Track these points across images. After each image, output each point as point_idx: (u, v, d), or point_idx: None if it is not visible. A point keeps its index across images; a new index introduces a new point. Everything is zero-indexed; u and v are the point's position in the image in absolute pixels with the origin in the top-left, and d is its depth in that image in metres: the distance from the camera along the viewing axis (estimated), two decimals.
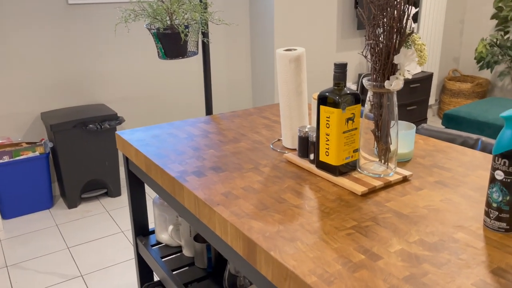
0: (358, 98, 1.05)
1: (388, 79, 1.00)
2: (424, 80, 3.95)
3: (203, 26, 1.58)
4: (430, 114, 4.66)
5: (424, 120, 4.14)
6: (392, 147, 1.06)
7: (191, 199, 1.06)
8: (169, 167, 1.20)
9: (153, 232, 1.63)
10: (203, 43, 1.72)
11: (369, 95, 1.05)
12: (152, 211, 2.74)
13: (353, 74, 3.92)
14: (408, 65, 0.98)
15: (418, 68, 1.00)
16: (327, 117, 1.05)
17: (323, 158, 1.09)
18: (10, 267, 2.25)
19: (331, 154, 1.07)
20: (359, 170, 1.11)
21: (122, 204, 2.89)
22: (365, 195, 1.00)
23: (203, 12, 1.54)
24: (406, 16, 0.95)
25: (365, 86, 1.04)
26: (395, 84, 0.99)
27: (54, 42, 2.83)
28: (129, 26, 3.01)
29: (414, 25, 0.95)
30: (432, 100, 4.40)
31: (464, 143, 1.38)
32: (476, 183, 1.05)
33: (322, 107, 1.05)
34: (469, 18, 4.52)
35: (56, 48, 2.84)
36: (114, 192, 2.96)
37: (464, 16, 4.55)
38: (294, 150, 1.30)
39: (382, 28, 0.97)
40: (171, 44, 1.53)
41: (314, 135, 1.13)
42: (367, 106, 1.06)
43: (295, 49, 1.25)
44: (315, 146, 1.11)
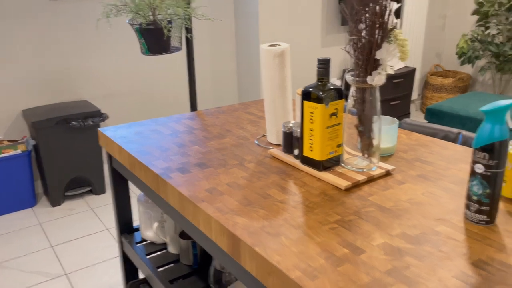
0: (341, 93, 1.05)
1: (371, 74, 1.01)
2: (407, 75, 3.99)
3: (186, 22, 1.57)
4: (413, 109, 4.71)
5: (407, 115, 4.19)
6: (375, 142, 1.07)
7: (176, 196, 1.06)
8: (153, 164, 1.19)
9: (137, 229, 1.62)
10: (187, 38, 1.71)
11: (352, 90, 1.05)
12: (137, 208, 2.73)
13: (337, 70, 3.94)
14: (390, 60, 0.99)
15: (401, 63, 1.01)
16: (310, 112, 1.05)
17: (307, 153, 1.10)
18: None
19: (315, 149, 1.07)
20: (342, 165, 1.11)
21: (107, 202, 2.86)
22: (348, 190, 1.01)
23: (186, 7, 1.53)
24: (388, 11, 0.96)
25: (347, 81, 1.04)
26: (377, 79, 1.00)
27: (36, 38, 2.78)
28: (112, 21, 2.97)
29: (396, 20, 0.96)
30: (415, 95, 4.45)
31: (446, 137, 1.40)
32: (457, 176, 1.07)
33: (305, 102, 1.06)
34: (451, 14, 4.58)
35: (38, 44, 2.79)
36: (98, 189, 2.93)
37: (446, 12, 4.61)
38: (279, 145, 1.30)
39: (364, 23, 0.98)
40: (154, 39, 1.52)
41: (299, 131, 1.14)
42: (350, 101, 1.06)
43: (279, 44, 1.25)
44: (299, 141, 1.12)
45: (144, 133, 1.44)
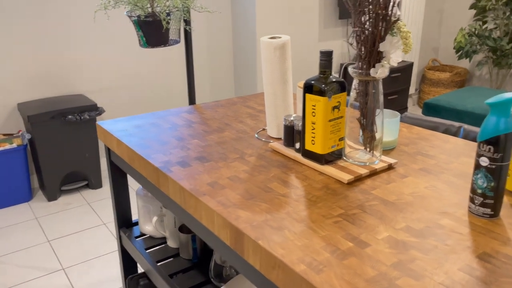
0: (344, 86, 1.04)
1: (374, 66, 1.00)
2: (405, 69, 3.99)
3: (185, 14, 1.55)
4: (410, 103, 4.71)
5: (405, 109, 4.19)
6: (377, 135, 1.06)
7: (176, 189, 1.04)
8: (152, 157, 1.18)
9: (136, 223, 1.61)
10: (185, 31, 1.69)
11: (354, 83, 1.04)
12: (135, 202, 2.71)
13: (335, 64, 3.93)
14: (394, 52, 0.98)
15: (400, 56, 1.00)
16: (313, 105, 1.04)
17: (309, 146, 1.09)
18: None
19: (317, 142, 1.06)
20: (344, 158, 1.11)
21: (104, 196, 2.84)
22: (351, 183, 1.00)
23: None
24: (392, 3, 0.95)
25: (350, 74, 1.03)
26: (380, 71, 0.99)
27: (30, 31, 2.75)
28: (108, 13, 2.94)
29: (400, 12, 0.95)
30: (412, 89, 4.45)
31: (447, 130, 1.40)
32: (459, 170, 1.06)
33: (308, 95, 1.05)
34: (448, 8, 4.57)
35: (32, 37, 2.76)
36: (95, 183, 2.91)
37: (443, 6, 4.60)
38: (279, 139, 1.29)
39: (367, 15, 0.97)
40: (152, 32, 1.50)
41: (300, 124, 1.13)
42: (353, 95, 1.05)
43: (279, 37, 1.23)
44: (301, 135, 1.11)
45: (143, 126, 1.42)
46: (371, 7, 0.96)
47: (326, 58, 1.02)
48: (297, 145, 1.15)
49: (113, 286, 2.01)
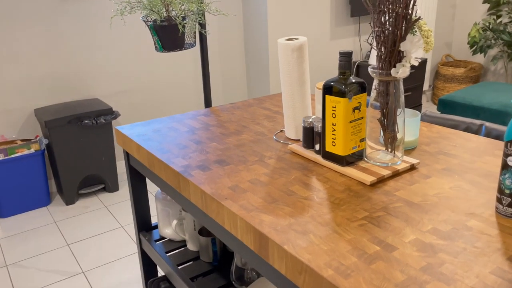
0: (364, 86, 1.03)
1: (395, 66, 0.99)
2: (418, 66, 3.94)
3: (200, 17, 1.55)
4: (424, 100, 4.66)
5: (419, 106, 4.15)
6: (399, 135, 1.05)
7: (198, 193, 1.04)
8: (173, 161, 1.18)
9: (155, 227, 1.62)
10: (200, 34, 1.70)
11: (375, 83, 1.03)
12: (154, 206, 2.73)
13: None
14: (415, 52, 0.97)
15: (421, 54, 0.99)
16: (333, 106, 1.03)
17: (329, 148, 1.08)
18: (10, 266, 2.23)
19: (337, 144, 1.06)
20: (365, 159, 1.10)
21: (121, 199, 2.87)
22: (373, 185, 0.99)
23: (199, 2, 1.51)
24: (413, 1, 0.93)
25: (370, 74, 1.02)
26: (401, 71, 0.98)
27: (46, 37, 2.78)
28: (123, 18, 2.96)
29: (420, 11, 0.93)
30: (426, 86, 4.40)
31: (468, 129, 1.38)
32: (483, 169, 1.05)
33: (327, 96, 1.04)
34: (461, 3, 4.51)
35: (48, 43, 2.79)
36: (112, 187, 2.94)
37: (456, 1, 4.54)
38: (298, 140, 1.29)
39: (388, 14, 0.96)
40: (168, 36, 1.50)
41: (319, 125, 1.12)
42: (373, 95, 1.04)
43: (296, 38, 1.23)
44: (321, 136, 1.10)
45: (161, 130, 1.43)
46: (391, 6, 0.95)
47: (346, 59, 1.01)
48: (317, 146, 1.15)
49: None
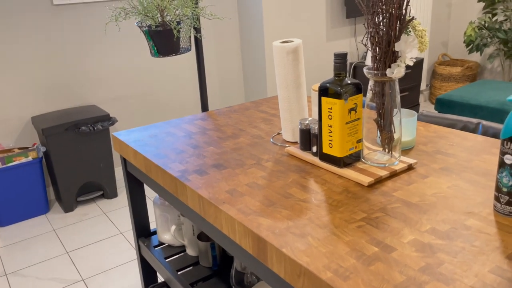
0: (359, 87, 1.03)
1: (390, 67, 0.99)
2: (415, 66, 3.95)
3: (195, 22, 1.55)
4: (421, 99, 4.67)
5: (417, 106, 4.15)
6: (395, 136, 1.05)
7: (195, 198, 1.04)
8: (169, 167, 1.17)
9: (154, 233, 1.61)
10: (195, 38, 1.70)
11: (370, 84, 1.03)
12: (152, 211, 2.72)
13: None
14: (409, 52, 0.97)
15: (415, 54, 0.99)
16: (329, 108, 1.03)
17: (326, 150, 1.08)
18: (9, 275, 2.22)
19: (334, 145, 1.05)
20: (363, 160, 1.09)
21: (119, 205, 2.86)
22: (371, 186, 0.99)
23: (194, 7, 1.51)
24: (406, 2, 0.93)
25: (366, 75, 1.02)
26: (396, 71, 0.98)
27: (41, 44, 2.77)
28: (118, 24, 2.96)
29: (413, 11, 0.93)
30: (423, 85, 4.41)
31: (465, 127, 1.38)
32: (481, 167, 1.05)
33: (323, 98, 1.04)
34: (456, 2, 4.52)
35: (43, 50, 2.79)
36: (110, 193, 2.93)
37: (451, 0, 4.55)
38: (295, 143, 1.28)
39: (381, 15, 0.96)
40: (163, 41, 1.50)
41: (316, 127, 1.12)
42: (369, 96, 1.04)
43: (291, 40, 1.23)
44: (318, 138, 1.10)
45: (158, 135, 1.42)
46: (384, 7, 0.95)
47: (341, 60, 1.01)
48: (314, 148, 1.14)
49: None
